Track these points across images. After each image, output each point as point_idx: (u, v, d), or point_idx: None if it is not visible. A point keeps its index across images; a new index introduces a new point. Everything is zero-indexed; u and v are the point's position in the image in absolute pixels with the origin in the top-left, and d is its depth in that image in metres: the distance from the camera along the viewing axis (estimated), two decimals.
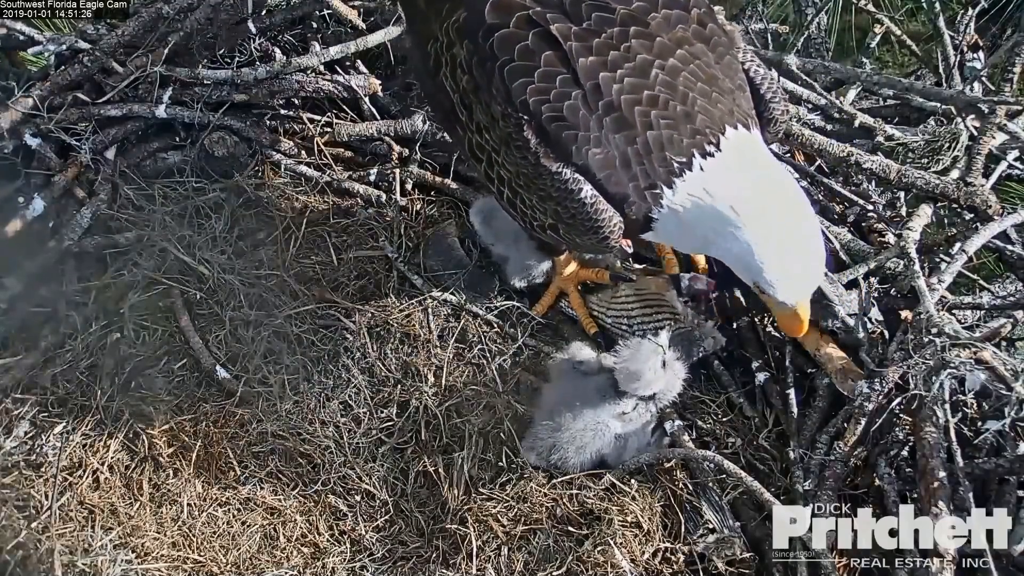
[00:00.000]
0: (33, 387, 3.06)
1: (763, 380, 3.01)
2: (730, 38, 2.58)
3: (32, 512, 2.83)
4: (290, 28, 3.66)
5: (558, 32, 2.41)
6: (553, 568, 2.68)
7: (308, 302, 3.18)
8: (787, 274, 2.35)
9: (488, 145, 2.55)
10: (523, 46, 2.42)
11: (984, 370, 2.60)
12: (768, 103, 2.58)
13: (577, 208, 2.44)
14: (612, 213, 2.44)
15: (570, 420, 2.79)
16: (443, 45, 2.57)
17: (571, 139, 2.40)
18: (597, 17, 2.43)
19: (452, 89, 2.58)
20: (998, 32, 4.35)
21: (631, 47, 2.41)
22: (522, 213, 2.61)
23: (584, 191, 2.42)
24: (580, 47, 2.40)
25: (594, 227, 2.45)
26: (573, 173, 2.41)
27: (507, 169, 2.54)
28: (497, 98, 2.45)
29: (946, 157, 3.22)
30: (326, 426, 3.00)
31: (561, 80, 2.40)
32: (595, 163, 2.40)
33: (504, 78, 2.42)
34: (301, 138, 3.53)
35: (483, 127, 2.54)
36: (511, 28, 2.43)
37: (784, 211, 2.36)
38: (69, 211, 3.34)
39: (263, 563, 2.84)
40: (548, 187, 2.45)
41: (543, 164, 2.42)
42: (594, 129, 2.39)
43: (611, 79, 2.39)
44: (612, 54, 2.40)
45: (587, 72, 2.39)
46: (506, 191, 2.59)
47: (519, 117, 2.42)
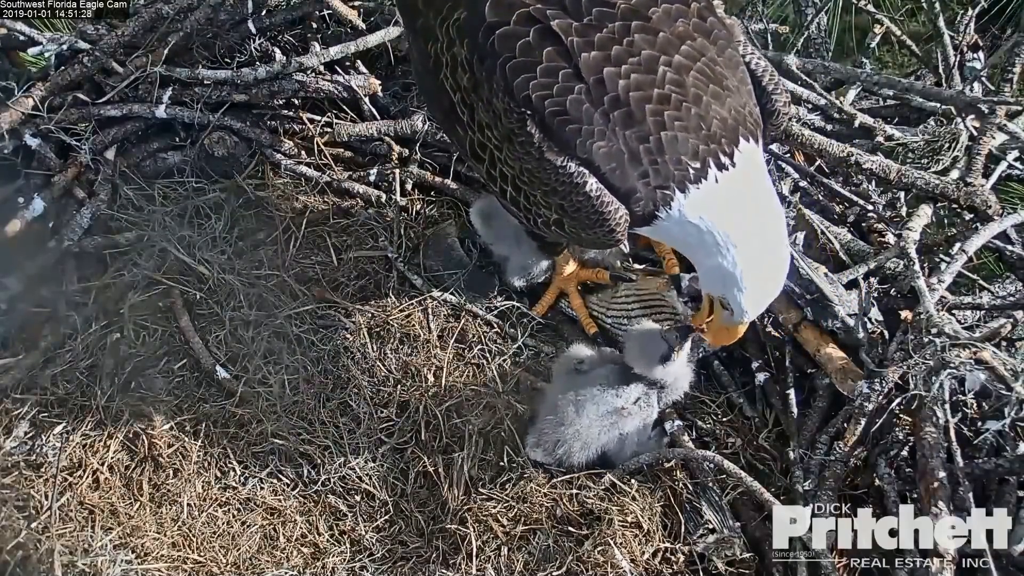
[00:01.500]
0: (33, 387, 3.05)
1: (763, 380, 3.02)
2: (729, 31, 2.58)
3: (32, 512, 2.82)
4: (290, 28, 3.66)
5: (559, 28, 2.41)
6: (553, 568, 2.68)
7: (308, 302, 3.18)
8: (757, 301, 2.48)
9: (490, 143, 2.55)
10: (524, 43, 2.42)
11: (984, 370, 2.60)
12: (771, 95, 2.58)
13: (583, 201, 2.43)
14: (618, 206, 2.43)
15: (574, 415, 2.80)
16: (443, 45, 2.57)
17: (575, 133, 2.40)
18: (598, 12, 2.43)
19: (453, 88, 2.58)
20: (998, 32, 4.35)
21: (634, 42, 2.41)
22: (525, 210, 2.61)
23: (589, 184, 2.41)
24: (582, 42, 2.40)
25: (600, 220, 2.45)
26: (578, 166, 2.41)
27: (509, 166, 2.54)
28: (499, 95, 2.44)
29: (946, 157, 3.22)
30: (326, 426, 3.00)
31: (563, 75, 2.40)
32: (599, 156, 2.40)
33: (506, 74, 2.42)
34: (301, 138, 3.53)
35: (485, 125, 2.54)
36: (512, 25, 2.43)
37: (771, 241, 2.45)
38: (69, 211, 3.34)
39: (263, 563, 2.84)
40: (552, 181, 2.45)
41: (547, 158, 2.42)
42: (598, 123, 2.39)
43: (616, 74, 2.38)
44: (615, 49, 2.40)
45: (590, 67, 2.39)
46: (509, 189, 2.59)
47: (522, 112, 2.42)
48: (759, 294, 2.45)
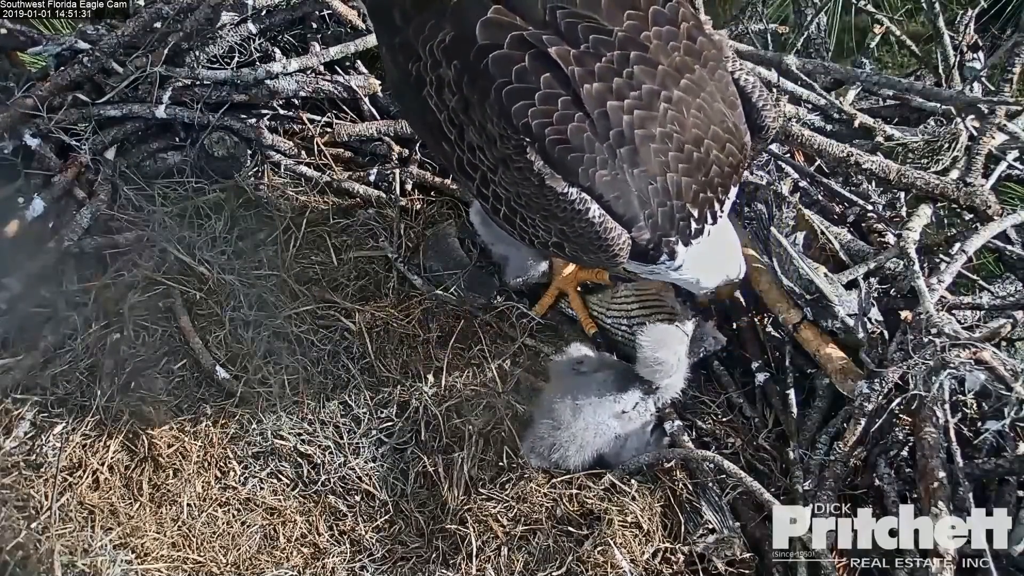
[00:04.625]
0: (33, 387, 3.05)
1: (763, 380, 3.02)
2: (718, 48, 2.60)
3: (32, 512, 2.82)
4: (290, 28, 3.66)
5: (557, 55, 2.40)
6: (553, 568, 2.68)
7: (308, 302, 3.18)
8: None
9: (482, 165, 2.55)
10: (520, 68, 2.41)
11: (984, 370, 2.60)
12: (760, 111, 2.64)
13: (585, 227, 2.45)
14: (620, 231, 2.47)
15: (570, 418, 2.79)
16: (427, 64, 2.55)
17: (577, 161, 2.41)
18: (594, 39, 2.43)
19: (438, 107, 2.56)
20: (998, 32, 4.35)
21: (634, 74, 2.43)
22: (521, 230, 2.61)
23: (592, 211, 2.43)
24: (583, 72, 2.40)
25: (603, 246, 2.48)
26: (579, 193, 2.43)
27: (504, 188, 2.54)
28: (493, 120, 2.44)
29: (946, 157, 3.22)
30: (326, 426, 3.00)
31: (563, 103, 2.40)
32: (602, 185, 2.43)
33: (502, 100, 2.41)
34: (301, 138, 3.53)
35: (476, 147, 2.53)
36: (505, 49, 2.42)
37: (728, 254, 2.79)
38: (69, 211, 3.34)
39: (263, 563, 2.84)
40: (553, 207, 2.46)
41: (548, 185, 2.43)
42: (600, 152, 2.41)
43: (619, 108, 2.41)
44: (616, 81, 2.41)
45: (593, 99, 2.40)
46: (503, 208, 2.59)
47: (520, 139, 2.41)
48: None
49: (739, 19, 4.42)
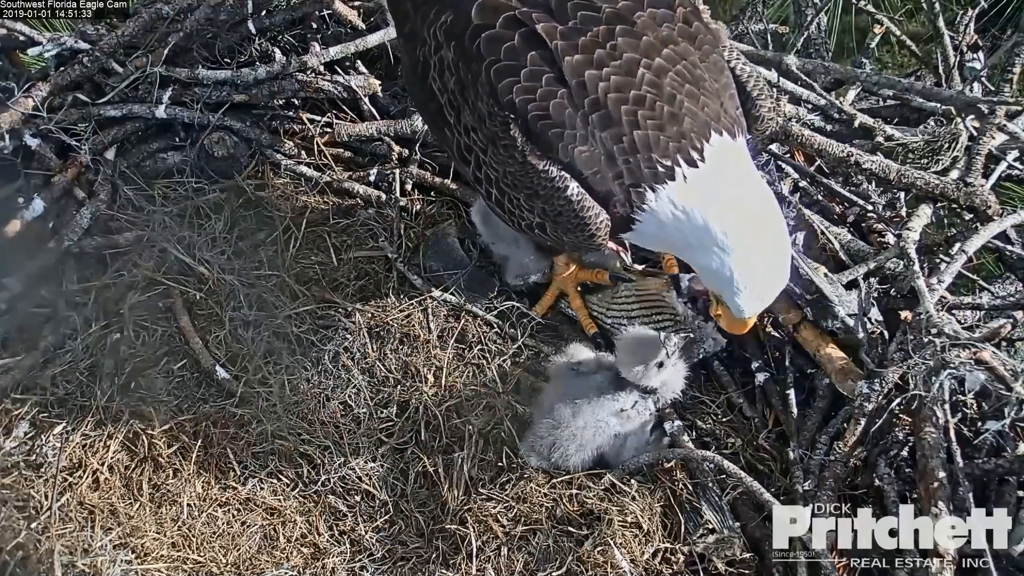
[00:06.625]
0: (33, 387, 3.06)
1: (763, 380, 3.02)
2: (715, 36, 2.59)
3: (32, 512, 2.82)
4: (290, 28, 3.66)
5: (544, 31, 2.41)
6: (553, 568, 2.68)
7: (308, 302, 3.18)
8: (755, 297, 2.43)
9: (476, 146, 2.56)
10: (509, 46, 2.43)
11: (984, 370, 2.60)
12: (755, 100, 2.60)
13: (563, 206, 2.44)
14: (599, 210, 2.45)
15: (569, 417, 2.79)
16: (431, 48, 2.57)
17: (557, 137, 2.41)
18: (583, 16, 2.44)
19: (440, 91, 2.59)
20: (998, 32, 4.35)
21: (617, 45, 2.42)
22: (509, 213, 2.62)
23: (570, 188, 2.42)
24: (566, 45, 2.41)
25: (580, 224, 2.46)
26: (559, 171, 2.42)
27: (494, 169, 2.55)
28: (483, 98, 2.45)
29: (946, 157, 3.22)
30: (326, 426, 3.00)
31: (547, 79, 2.41)
32: (581, 161, 2.41)
33: (491, 78, 2.43)
34: (301, 138, 3.53)
35: (470, 128, 2.54)
36: (497, 28, 2.44)
37: (763, 234, 2.40)
38: (69, 211, 3.34)
39: (263, 563, 2.84)
40: (535, 185, 2.46)
41: (529, 162, 2.43)
42: (579, 127, 2.40)
43: (597, 77, 2.39)
44: (598, 52, 2.41)
45: (572, 70, 2.40)
46: (494, 191, 2.60)
47: (505, 116, 2.43)
48: (758, 295, 2.43)
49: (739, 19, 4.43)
